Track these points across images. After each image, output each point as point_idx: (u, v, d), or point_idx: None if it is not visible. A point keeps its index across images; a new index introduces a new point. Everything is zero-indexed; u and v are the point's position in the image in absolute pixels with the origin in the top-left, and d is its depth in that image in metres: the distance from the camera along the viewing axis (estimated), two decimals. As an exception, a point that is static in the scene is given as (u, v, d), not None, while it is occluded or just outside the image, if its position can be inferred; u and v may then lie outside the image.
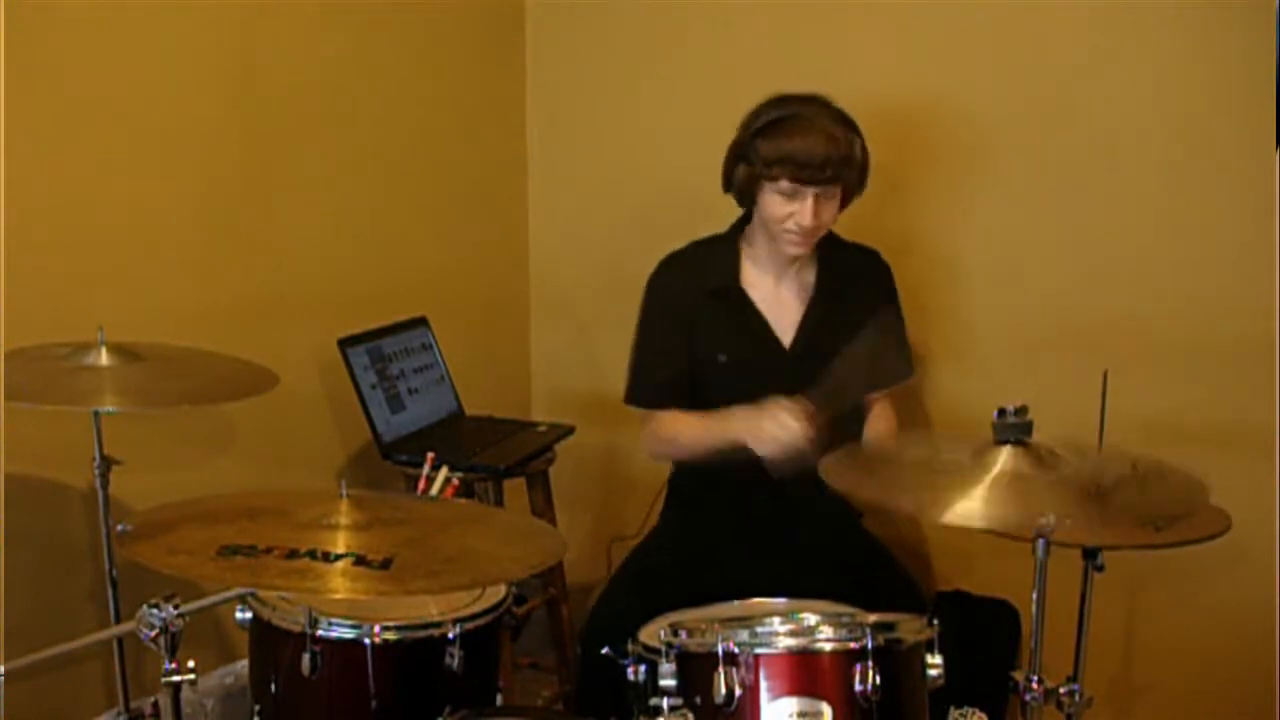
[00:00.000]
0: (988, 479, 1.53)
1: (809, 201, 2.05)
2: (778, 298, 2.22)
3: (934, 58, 2.56)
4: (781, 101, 2.09)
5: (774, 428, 1.98)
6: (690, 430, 2.18)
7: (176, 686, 1.46)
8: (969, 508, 1.49)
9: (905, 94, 2.57)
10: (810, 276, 2.23)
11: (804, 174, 2.02)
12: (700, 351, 2.20)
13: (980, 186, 2.57)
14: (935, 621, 1.64)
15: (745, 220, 2.23)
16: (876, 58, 2.61)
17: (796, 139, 2.03)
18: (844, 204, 2.15)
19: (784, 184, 2.05)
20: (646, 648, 1.66)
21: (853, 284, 2.24)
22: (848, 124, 2.08)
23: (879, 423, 2.28)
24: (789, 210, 2.07)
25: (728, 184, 2.17)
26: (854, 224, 2.31)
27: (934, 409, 2.63)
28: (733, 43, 2.78)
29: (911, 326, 2.36)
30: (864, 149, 2.11)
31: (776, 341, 2.21)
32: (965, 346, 2.62)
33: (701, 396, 2.20)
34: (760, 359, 2.20)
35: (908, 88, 2.58)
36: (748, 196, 2.14)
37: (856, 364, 2.02)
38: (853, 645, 1.55)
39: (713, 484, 2.21)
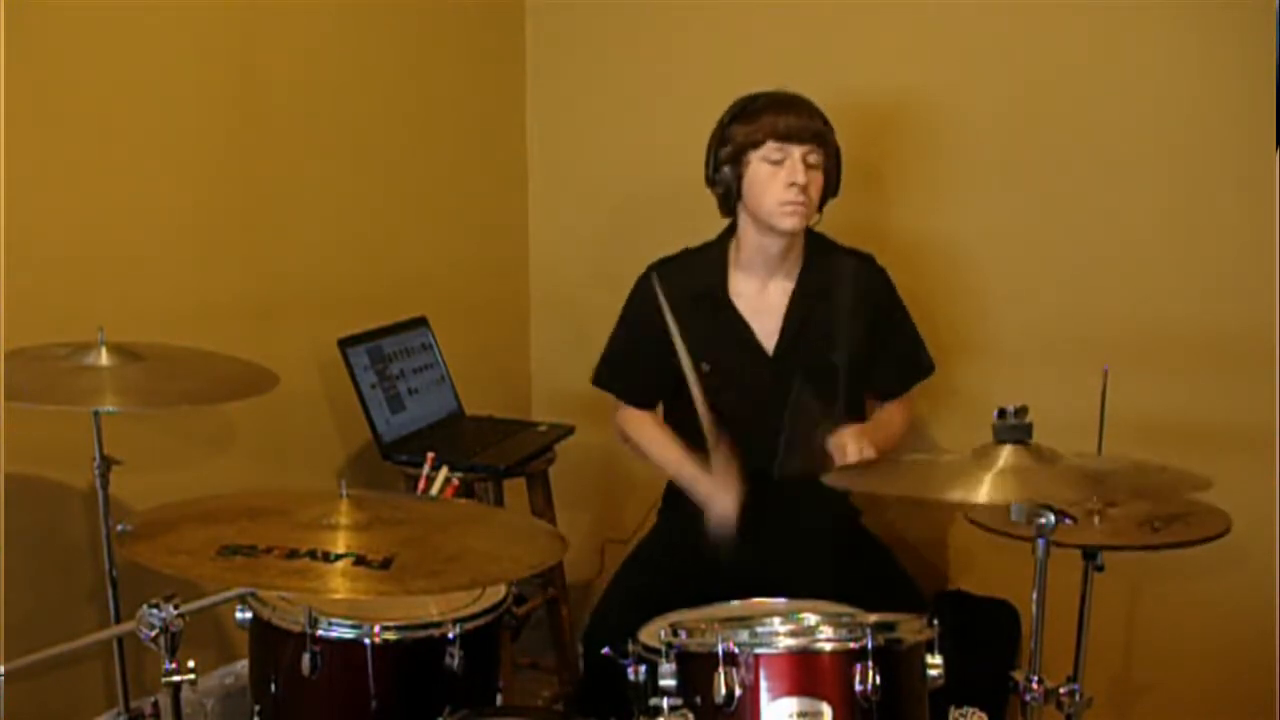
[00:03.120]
0: (989, 475, 1.57)
1: (795, 160, 2.09)
2: (763, 303, 2.22)
3: (936, 59, 2.56)
4: (750, 95, 2.15)
5: (719, 509, 2.07)
6: (657, 451, 2.27)
7: (176, 686, 1.46)
8: (971, 491, 1.55)
9: (907, 95, 2.58)
10: (794, 280, 2.23)
11: (789, 132, 2.08)
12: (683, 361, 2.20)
13: (979, 187, 2.57)
14: (935, 621, 1.64)
15: (733, 228, 2.24)
16: (880, 58, 2.61)
17: (774, 108, 2.11)
18: (823, 195, 2.16)
19: (770, 147, 2.08)
20: (646, 648, 1.66)
21: (838, 286, 2.22)
22: (820, 112, 2.14)
23: (884, 414, 2.31)
24: (778, 177, 2.09)
25: (713, 175, 2.17)
26: (853, 225, 2.31)
27: (934, 409, 2.63)
28: (732, 43, 2.78)
29: (911, 327, 2.36)
30: (836, 144, 2.15)
31: (759, 347, 2.21)
32: (965, 346, 2.61)
33: (684, 405, 2.20)
34: (743, 366, 2.20)
35: (909, 89, 2.58)
36: (734, 181, 2.14)
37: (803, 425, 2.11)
38: (853, 645, 1.55)
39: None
